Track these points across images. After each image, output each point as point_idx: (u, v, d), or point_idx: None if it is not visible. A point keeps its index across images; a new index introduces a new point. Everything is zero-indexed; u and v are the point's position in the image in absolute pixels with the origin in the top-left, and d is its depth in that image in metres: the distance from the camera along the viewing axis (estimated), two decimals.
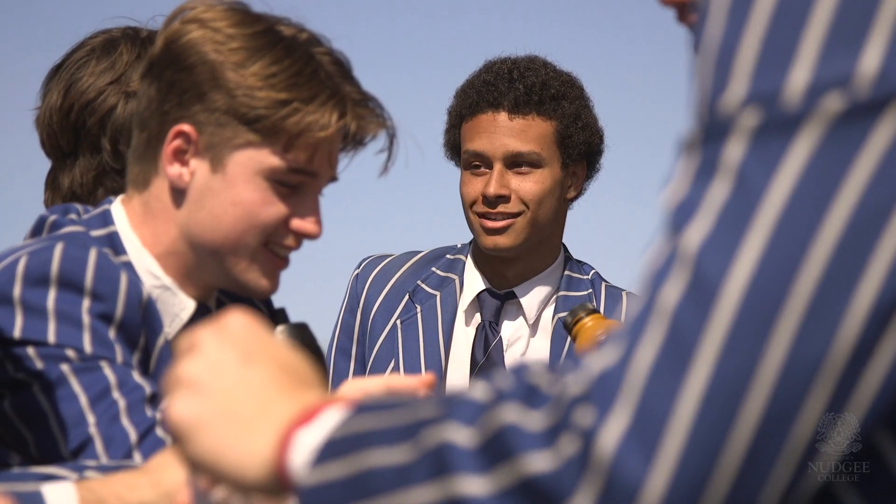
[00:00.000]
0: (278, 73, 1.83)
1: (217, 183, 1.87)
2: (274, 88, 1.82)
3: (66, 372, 1.75)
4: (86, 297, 1.78)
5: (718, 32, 0.87)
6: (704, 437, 0.83)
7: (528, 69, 2.97)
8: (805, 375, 0.83)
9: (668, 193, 0.89)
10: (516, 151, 2.93)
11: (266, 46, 1.84)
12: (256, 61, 1.83)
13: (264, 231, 1.87)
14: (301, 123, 1.83)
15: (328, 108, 1.84)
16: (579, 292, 3.01)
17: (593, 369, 0.88)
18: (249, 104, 1.82)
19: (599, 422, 0.85)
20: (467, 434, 0.90)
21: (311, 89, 1.83)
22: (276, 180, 1.86)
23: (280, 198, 1.87)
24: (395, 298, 3.03)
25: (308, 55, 1.86)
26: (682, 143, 0.90)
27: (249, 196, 1.86)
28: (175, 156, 1.88)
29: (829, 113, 0.83)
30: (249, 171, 1.85)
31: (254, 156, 1.85)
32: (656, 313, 0.86)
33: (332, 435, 0.97)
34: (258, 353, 1.04)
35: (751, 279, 0.83)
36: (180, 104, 1.86)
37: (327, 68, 1.87)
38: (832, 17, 0.84)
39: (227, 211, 1.86)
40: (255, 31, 1.86)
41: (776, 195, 0.83)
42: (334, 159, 1.90)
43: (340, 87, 1.86)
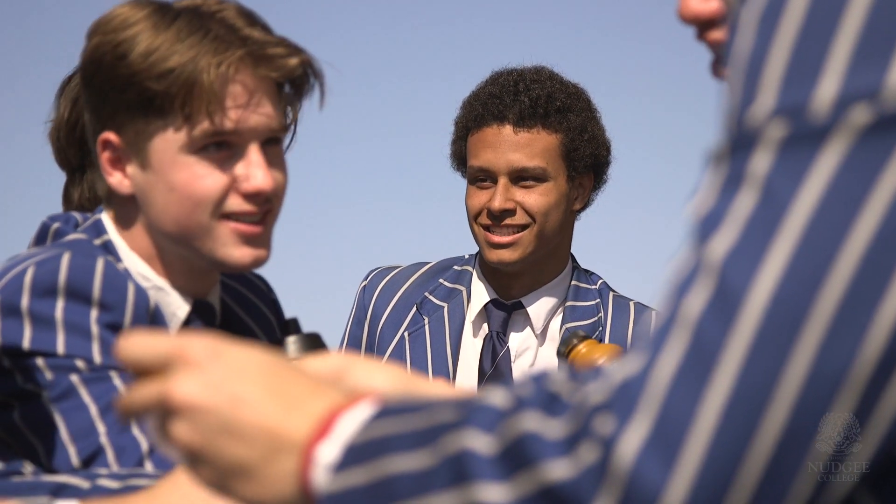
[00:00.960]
0: (155, 50, 1.81)
1: (151, 178, 1.86)
2: (154, 66, 1.81)
3: (76, 382, 1.75)
4: (94, 307, 1.78)
5: (748, 45, 0.87)
6: (725, 447, 0.83)
7: (534, 81, 2.96)
8: (829, 387, 0.83)
9: (694, 204, 0.89)
10: (521, 166, 2.92)
11: (149, 28, 1.84)
12: (135, 47, 1.82)
13: (210, 204, 1.85)
14: (184, 86, 1.81)
15: (207, 62, 1.81)
16: (587, 302, 3.01)
17: (615, 378, 0.88)
18: (139, 91, 1.82)
19: (619, 430, 0.85)
20: (487, 441, 0.90)
21: (190, 51, 1.82)
22: (197, 152, 1.83)
23: (215, 166, 1.84)
24: (402, 310, 3.03)
25: (197, 19, 1.84)
26: (709, 154, 0.90)
27: (179, 177, 1.84)
28: (112, 165, 1.89)
29: (856, 125, 0.83)
30: (169, 155, 1.84)
31: (165, 137, 1.83)
32: (680, 323, 0.86)
33: (352, 441, 0.97)
34: (247, 372, 1.03)
35: (776, 289, 0.83)
36: (98, 116, 1.88)
37: (225, 25, 1.84)
38: (860, 30, 0.84)
39: (168, 200, 1.85)
40: (143, 15, 1.85)
41: (802, 206, 0.83)
42: (252, 111, 1.85)
43: (226, 39, 1.83)
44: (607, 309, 3.00)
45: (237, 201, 1.86)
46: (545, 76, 2.99)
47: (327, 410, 1.00)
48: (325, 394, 1.02)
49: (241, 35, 1.85)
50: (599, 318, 2.98)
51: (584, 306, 3.00)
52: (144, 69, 1.82)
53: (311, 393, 1.01)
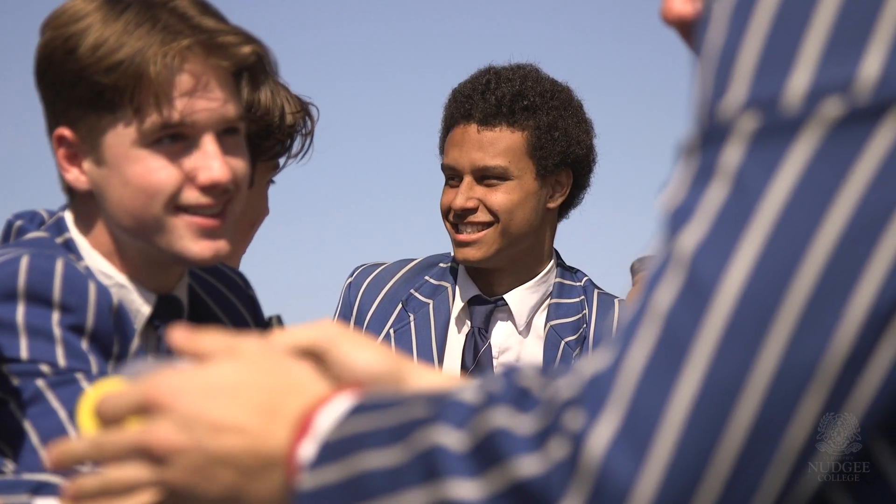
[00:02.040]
0: (103, 43, 1.80)
1: (105, 173, 1.84)
2: (103, 60, 1.79)
3: (43, 387, 1.74)
4: (55, 310, 1.76)
5: (720, 37, 0.87)
6: (696, 440, 0.83)
7: (507, 80, 2.98)
8: (799, 380, 0.82)
9: (665, 197, 0.89)
10: (482, 165, 2.95)
11: (97, 21, 1.82)
12: (84, 40, 1.80)
13: (163, 197, 1.82)
14: (131, 79, 1.79)
15: (153, 53, 1.79)
16: (571, 299, 3.01)
17: (585, 372, 0.87)
18: (89, 85, 1.81)
19: (589, 425, 0.85)
20: (458, 437, 0.90)
21: (137, 43, 1.79)
22: (150, 145, 1.81)
23: (169, 159, 1.82)
24: (388, 307, 3.03)
25: (146, 10, 1.82)
26: (681, 147, 0.89)
27: (133, 170, 1.82)
28: (69, 161, 1.87)
29: (828, 118, 0.83)
30: (122, 149, 1.82)
31: (117, 132, 1.82)
32: (650, 316, 0.86)
33: (327, 438, 0.97)
34: (219, 395, 1.03)
35: (746, 282, 0.83)
36: (52, 112, 1.86)
37: (176, 14, 1.82)
38: (833, 22, 0.84)
39: (122, 195, 1.83)
40: (90, 10, 1.83)
41: (773, 199, 0.83)
42: (202, 100, 1.82)
43: (174, 28, 1.81)
44: (592, 306, 3.01)
45: (194, 194, 1.84)
46: (520, 74, 2.99)
47: (306, 408, 1.00)
48: (301, 390, 1.02)
49: (192, 24, 1.82)
50: (584, 315, 2.99)
51: (568, 303, 3.01)
52: (93, 63, 1.80)
53: (287, 393, 1.02)
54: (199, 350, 1.08)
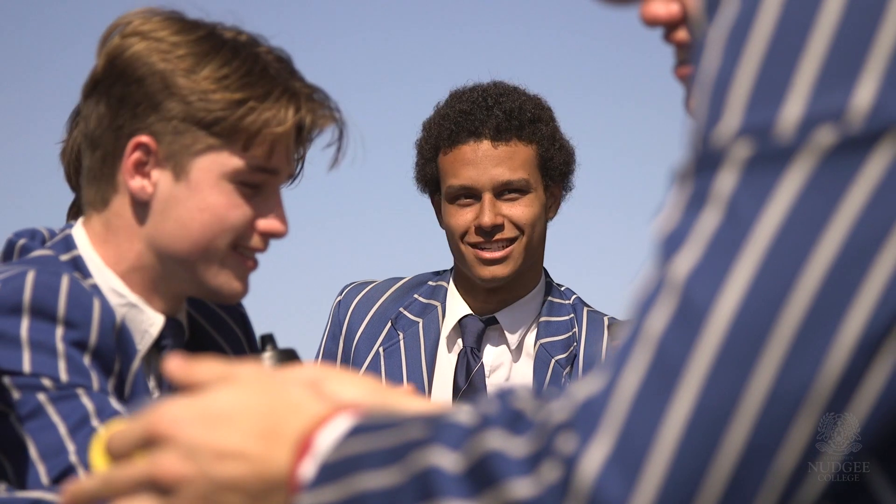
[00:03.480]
0: (230, 75, 1.84)
1: (182, 191, 1.87)
2: (228, 90, 1.84)
3: (44, 401, 1.75)
4: (59, 325, 1.78)
5: (714, 65, 0.88)
6: (687, 464, 0.83)
7: (501, 94, 2.96)
8: (790, 405, 0.83)
9: (659, 223, 0.90)
10: (505, 180, 2.92)
11: (212, 50, 1.86)
12: (206, 65, 1.84)
13: (233, 234, 1.88)
14: (258, 121, 1.84)
15: (283, 104, 1.86)
16: (561, 317, 3.01)
17: (578, 396, 0.88)
18: (206, 108, 1.84)
19: (581, 448, 0.86)
20: (453, 459, 0.91)
21: (263, 87, 1.86)
22: (239, 182, 1.87)
23: (245, 199, 1.88)
24: (377, 325, 3.02)
25: (253, 54, 1.88)
26: (674, 173, 0.90)
27: (216, 200, 1.87)
28: (136, 168, 1.88)
29: (821, 146, 0.84)
30: (213, 176, 1.86)
31: (216, 159, 1.86)
32: (642, 340, 0.86)
33: (326, 459, 0.98)
34: (220, 422, 1.04)
35: (738, 308, 0.84)
36: (134, 117, 1.87)
37: (274, 65, 1.89)
38: (826, 51, 0.84)
39: (194, 218, 1.87)
40: (198, 36, 1.87)
41: (766, 226, 0.84)
42: (291, 155, 1.93)
43: (290, 83, 1.89)
44: (581, 324, 3.00)
45: (256, 239, 1.90)
46: (509, 89, 2.99)
47: (306, 428, 1.01)
48: (300, 411, 1.03)
49: (295, 83, 1.90)
50: (573, 333, 2.98)
51: (558, 321, 3.00)
52: (214, 90, 1.84)
53: (286, 414, 1.03)
54: (196, 379, 1.09)
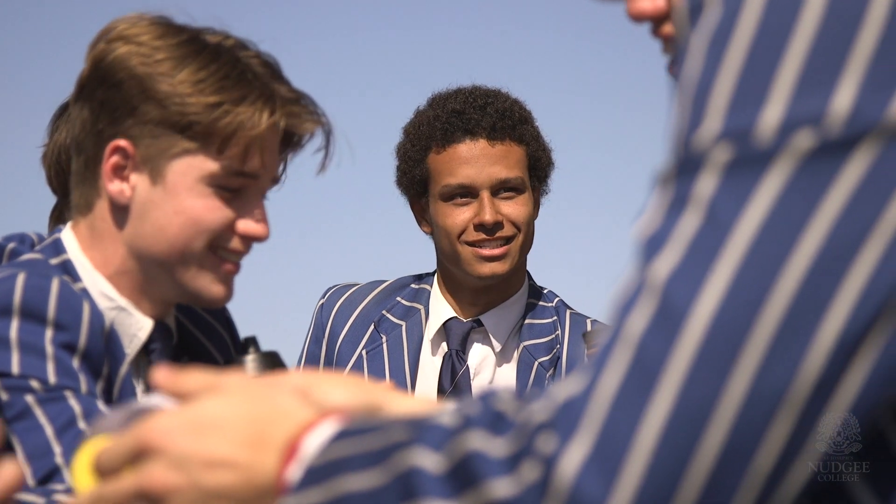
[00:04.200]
0: (206, 78, 1.84)
1: (158, 194, 1.87)
2: (203, 93, 1.84)
3: (31, 403, 1.76)
4: (49, 327, 1.78)
5: (696, 70, 0.88)
6: (665, 464, 0.84)
7: (489, 96, 2.96)
8: (768, 406, 0.84)
9: (640, 226, 0.91)
10: (503, 178, 2.92)
11: (192, 54, 1.86)
12: (183, 69, 1.84)
13: (210, 236, 1.88)
14: (233, 124, 1.84)
15: (258, 107, 1.85)
16: (544, 319, 3.01)
17: (558, 397, 0.89)
18: (181, 112, 1.84)
19: (561, 448, 0.86)
20: (435, 460, 0.92)
21: (240, 90, 1.85)
22: (216, 185, 1.87)
23: (224, 202, 1.88)
24: (360, 328, 3.02)
25: (234, 58, 1.88)
26: (656, 177, 0.91)
27: (192, 203, 1.87)
28: (115, 172, 1.89)
29: (800, 150, 0.84)
30: (189, 179, 1.86)
31: (192, 163, 1.86)
32: (622, 342, 0.87)
33: (312, 462, 0.99)
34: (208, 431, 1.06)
35: (717, 309, 0.84)
36: (113, 121, 1.88)
37: (256, 70, 1.89)
38: (806, 57, 0.85)
39: (171, 221, 1.87)
40: (180, 40, 1.87)
41: (745, 228, 0.85)
42: (272, 159, 1.92)
43: (269, 86, 1.88)
44: (564, 327, 3.00)
45: (236, 241, 1.90)
46: (493, 91, 2.99)
47: (293, 433, 1.02)
48: (287, 417, 1.05)
49: (276, 87, 1.89)
50: (557, 335, 2.99)
51: (541, 324, 3.00)
52: (190, 94, 1.84)
53: (274, 421, 1.04)
54: (184, 389, 1.10)
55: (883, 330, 0.84)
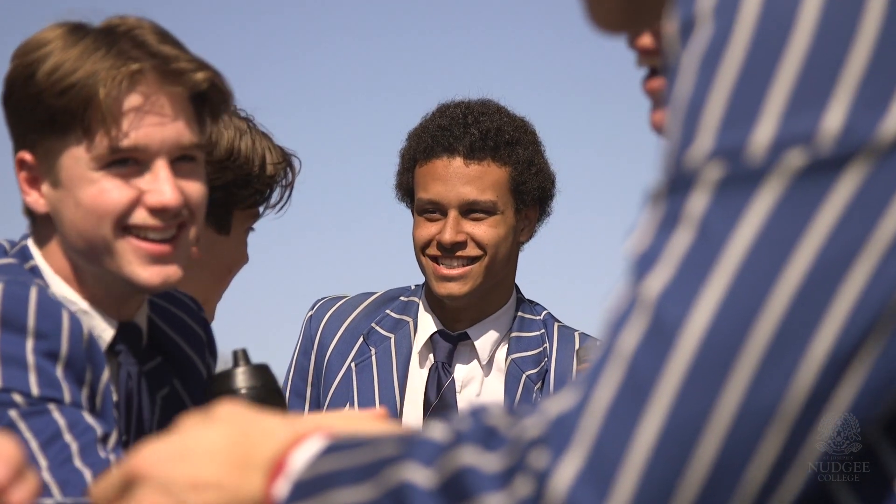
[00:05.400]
0: (59, 67, 1.82)
1: (61, 194, 1.86)
2: (57, 83, 1.82)
3: (15, 417, 1.74)
4: (29, 337, 1.77)
5: (687, 88, 0.89)
6: (657, 480, 0.85)
7: (483, 114, 2.97)
8: (759, 422, 0.84)
9: (631, 243, 0.91)
10: (472, 199, 2.93)
11: (58, 48, 1.84)
12: (42, 65, 1.83)
13: (113, 217, 1.84)
14: (80, 99, 1.81)
15: (108, 76, 1.81)
16: (531, 332, 3.02)
17: (551, 412, 0.89)
18: (44, 109, 1.83)
19: (554, 463, 0.87)
20: (426, 475, 0.92)
21: (91, 66, 1.82)
22: (104, 167, 1.84)
23: (122, 181, 1.85)
24: (349, 340, 3.03)
25: (106, 37, 1.84)
26: (647, 194, 0.91)
27: (86, 193, 1.85)
28: (29, 185, 1.90)
29: (791, 168, 0.85)
30: (77, 171, 1.84)
31: (71, 154, 1.84)
32: (614, 357, 0.87)
33: (300, 477, 1.00)
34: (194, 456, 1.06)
35: (709, 325, 0.85)
36: (14, 136, 1.89)
37: (135, 41, 1.84)
38: (797, 75, 0.86)
39: (75, 216, 1.86)
40: (53, 36, 1.86)
41: (737, 245, 0.85)
42: (155, 124, 1.85)
43: (132, 54, 1.83)
44: (552, 340, 3.01)
45: (142, 215, 1.86)
46: (493, 109, 2.99)
47: (279, 449, 1.03)
48: (272, 436, 1.05)
49: (147, 50, 1.85)
50: (544, 348, 3.00)
51: (528, 337, 3.01)
52: (48, 86, 1.82)
53: (258, 442, 1.05)
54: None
55: (874, 346, 0.84)
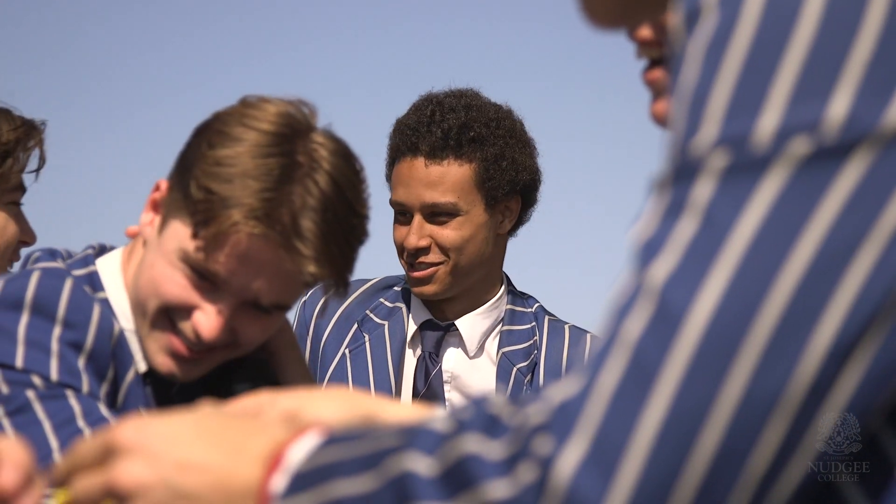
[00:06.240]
0: (229, 166, 1.80)
1: (155, 242, 1.89)
2: (209, 176, 1.81)
3: (32, 398, 1.77)
4: (57, 325, 1.80)
5: (693, 77, 0.89)
6: (661, 466, 0.85)
7: (452, 110, 2.95)
8: (763, 408, 0.85)
9: (636, 231, 0.91)
10: (433, 202, 2.93)
11: (249, 143, 1.81)
12: (222, 147, 1.81)
13: (161, 305, 1.86)
14: (210, 214, 1.80)
15: (245, 218, 1.78)
16: (522, 325, 3.02)
17: (554, 399, 0.90)
18: (188, 182, 1.83)
19: (557, 450, 0.87)
20: (428, 463, 0.92)
21: (248, 194, 1.79)
22: (188, 264, 1.84)
23: (192, 285, 1.85)
24: (344, 327, 3.03)
25: (285, 172, 1.80)
26: (653, 182, 0.91)
27: (160, 269, 1.86)
28: (152, 206, 1.93)
29: (796, 155, 0.85)
30: (171, 245, 1.86)
31: (179, 230, 1.85)
32: (619, 344, 0.88)
33: (299, 469, 1.00)
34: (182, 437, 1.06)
35: (714, 312, 0.85)
36: (176, 163, 1.90)
37: (300, 196, 1.80)
38: (803, 63, 0.86)
39: (145, 271, 1.89)
40: (261, 129, 1.82)
41: (742, 232, 0.86)
42: (252, 274, 1.83)
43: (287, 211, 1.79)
44: (542, 332, 3.02)
45: (187, 325, 1.86)
46: (463, 104, 2.97)
47: (275, 444, 1.03)
48: (264, 431, 1.06)
49: (293, 213, 1.79)
50: (535, 341, 3.00)
51: (519, 330, 3.02)
52: (204, 170, 1.81)
53: (250, 434, 1.05)
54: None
55: (877, 334, 0.85)
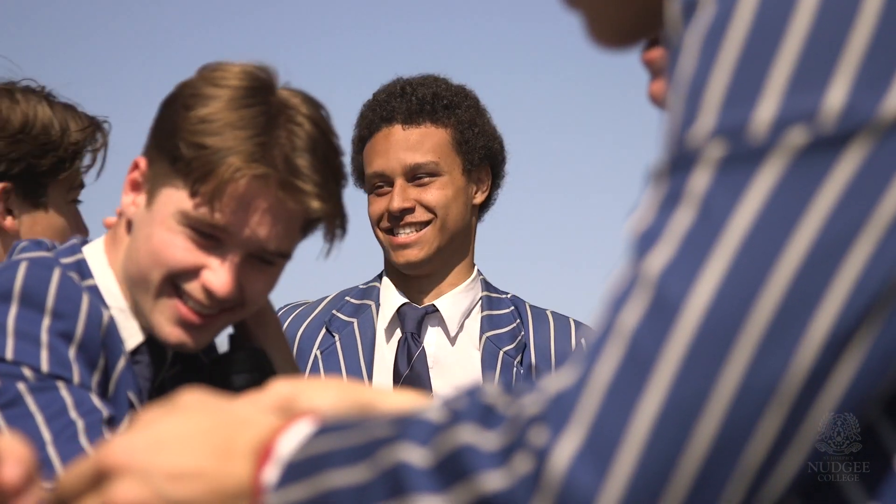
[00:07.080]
0: (208, 121, 1.82)
1: (146, 216, 1.89)
2: (196, 134, 1.82)
3: (23, 391, 1.77)
4: (46, 316, 1.80)
5: (690, 67, 0.89)
6: (657, 456, 0.85)
7: (421, 84, 3.03)
8: (759, 399, 0.85)
9: (633, 221, 0.91)
10: (414, 163, 2.97)
11: (224, 99, 1.84)
12: (199, 108, 1.83)
13: (166, 272, 1.87)
14: (205, 168, 1.82)
15: (245, 162, 1.81)
16: (502, 310, 3.05)
17: (550, 390, 0.89)
18: (175, 145, 1.84)
19: (553, 441, 0.87)
20: (422, 454, 0.92)
21: (236, 142, 1.81)
22: (188, 225, 1.85)
23: (196, 245, 1.86)
24: (313, 333, 3.05)
25: (267, 119, 1.83)
26: (650, 173, 0.91)
27: (158, 236, 1.86)
28: (132, 186, 1.92)
29: (793, 146, 0.85)
30: (167, 211, 1.86)
31: (172, 195, 1.86)
32: (615, 335, 0.88)
33: (291, 459, 0.99)
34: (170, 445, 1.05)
35: (710, 303, 0.85)
36: (150, 138, 1.91)
37: (288, 139, 1.83)
38: (799, 54, 0.86)
39: (141, 246, 1.89)
40: (229, 84, 1.85)
41: (739, 223, 0.85)
42: (256, 221, 1.85)
43: (277, 152, 1.83)
44: (527, 319, 3.04)
45: (195, 286, 1.87)
46: (431, 80, 3.06)
47: (264, 437, 1.02)
48: (251, 424, 1.05)
49: (286, 158, 1.83)
50: (518, 324, 3.02)
51: (500, 314, 3.04)
52: (189, 130, 1.82)
53: (237, 430, 1.04)
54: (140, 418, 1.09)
55: (874, 324, 0.85)
